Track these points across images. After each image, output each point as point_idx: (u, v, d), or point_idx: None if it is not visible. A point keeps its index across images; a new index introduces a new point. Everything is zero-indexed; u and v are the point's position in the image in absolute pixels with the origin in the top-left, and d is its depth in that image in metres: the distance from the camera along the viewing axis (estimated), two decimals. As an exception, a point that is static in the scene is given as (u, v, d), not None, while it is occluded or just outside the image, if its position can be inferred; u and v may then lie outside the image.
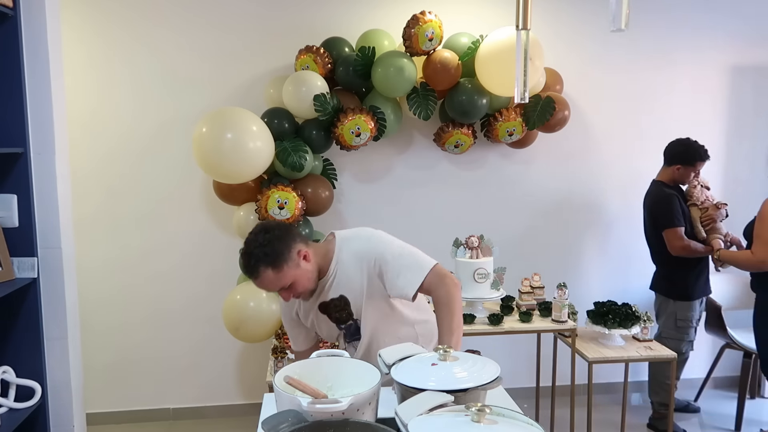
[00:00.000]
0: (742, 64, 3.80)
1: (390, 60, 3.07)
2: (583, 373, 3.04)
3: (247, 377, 3.66)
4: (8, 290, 2.15)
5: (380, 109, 3.18)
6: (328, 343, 2.17)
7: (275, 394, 1.32)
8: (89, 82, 3.34)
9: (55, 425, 2.41)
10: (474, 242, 2.86)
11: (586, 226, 3.81)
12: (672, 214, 3.15)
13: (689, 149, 3.20)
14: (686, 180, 3.25)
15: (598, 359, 2.89)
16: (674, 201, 3.18)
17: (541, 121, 3.32)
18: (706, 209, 3.21)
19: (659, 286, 3.36)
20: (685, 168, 3.21)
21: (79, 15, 3.29)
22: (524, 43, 1.69)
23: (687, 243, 3.13)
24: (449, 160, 3.63)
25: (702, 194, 3.25)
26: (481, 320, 2.81)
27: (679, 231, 3.13)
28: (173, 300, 3.53)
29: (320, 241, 1.99)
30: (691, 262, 3.20)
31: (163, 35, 3.36)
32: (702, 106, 3.80)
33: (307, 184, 3.20)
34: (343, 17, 3.44)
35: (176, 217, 3.48)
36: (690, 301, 3.24)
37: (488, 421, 1.04)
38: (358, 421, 1.19)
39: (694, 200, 3.24)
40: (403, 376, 1.33)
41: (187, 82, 3.40)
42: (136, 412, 3.58)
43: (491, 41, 3.09)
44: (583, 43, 3.65)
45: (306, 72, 3.09)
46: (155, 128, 3.41)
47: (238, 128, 2.87)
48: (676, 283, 3.26)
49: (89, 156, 3.36)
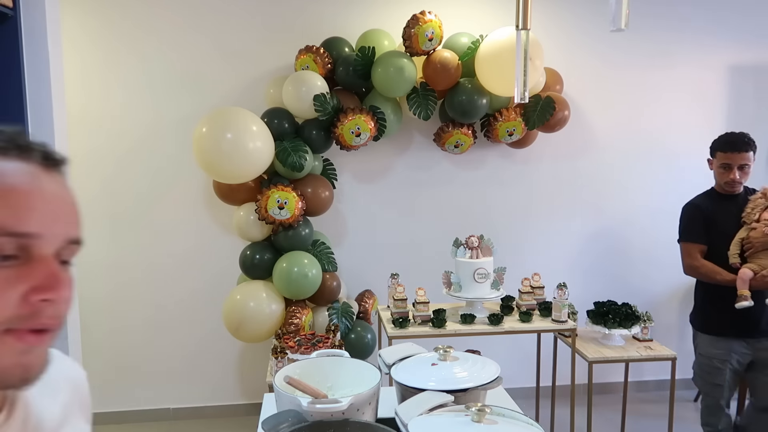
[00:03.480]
0: (742, 64, 3.80)
1: (390, 60, 3.07)
2: (583, 373, 3.04)
3: (247, 377, 3.66)
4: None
5: (380, 109, 3.18)
6: (329, 342, 2.17)
7: (275, 394, 1.32)
8: (89, 81, 3.34)
9: (55, 425, 2.41)
10: (474, 242, 2.86)
11: (586, 226, 3.81)
12: (683, 225, 2.72)
13: (715, 140, 2.66)
14: (723, 181, 2.60)
15: (598, 359, 2.89)
16: (691, 211, 2.70)
17: (541, 121, 3.32)
18: (754, 230, 2.54)
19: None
20: (712, 164, 2.67)
21: (79, 15, 3.29)
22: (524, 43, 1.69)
23: (697, 263, 2.64)
24: (449, 160, 3.63)
25: (759, 212, 2.56)
26: (481, 320, 2.81)
27: (687, 246, 2.68)
28: (173, 300, 3.53)
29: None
30: (719, 289, 2.59)
31: (163, 35, 3.36)
32: (702, 106, 3.80)
33: (307, 184, 3.20)
34: (343, 17, 3.44)
35: (176, 217, 3.48)
36: (712, 335, 2.66)
37: (488, 421, 1.04)
38: (358, 421, 1.19)
39: (745, 217, 2.59)
40: (403, 376, 1.33)
41: (187, 82, 3.40)
42: (136, 412, 3.58)
43: (491, 41, 3.09)
44: (583, 43, 3.65)
45: (306, 72, 3.09)
46: (155, 128, 3.41)
47: (238, 128, 2.87)
48: (699, 309, 2.76)
49: (89, 156, 3.36)
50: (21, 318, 0.56)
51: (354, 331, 3.24)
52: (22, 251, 0.56)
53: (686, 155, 3.71)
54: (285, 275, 3.06)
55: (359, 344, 3.22)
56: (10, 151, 0.58)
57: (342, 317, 3.16)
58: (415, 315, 2.76)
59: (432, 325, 2.71)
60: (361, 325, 3.30)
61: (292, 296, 3.13)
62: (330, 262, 3.29)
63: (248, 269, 3.20)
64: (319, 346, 2.43)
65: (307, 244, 3.21)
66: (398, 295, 2.77)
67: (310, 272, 3.08)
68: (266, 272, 3.17)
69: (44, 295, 0.56)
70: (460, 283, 2.79)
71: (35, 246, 0.57)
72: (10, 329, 0.55)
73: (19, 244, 0.55)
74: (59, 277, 0.58)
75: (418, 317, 2.75)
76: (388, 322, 2.74)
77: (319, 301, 3.26)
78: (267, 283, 3.18)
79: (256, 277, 3.21)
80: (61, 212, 0.60)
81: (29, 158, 0.59)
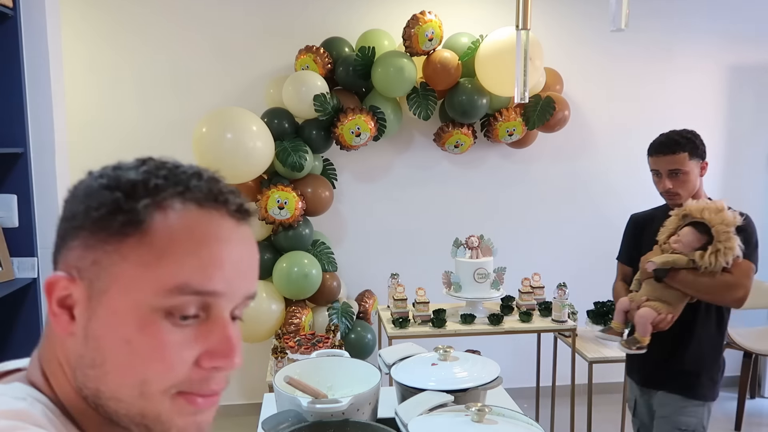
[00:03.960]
0: (742, 64, 3.80)
1: (390, 60, 3.07)
2: (583, 373, 3.04)
3: (247, 377, 3.65)
4: (8, 290, 2.15)
5: (380, 109, 3.18)
6: (329, 342, 2.17)
7: (275, 394, 1.32)
8: (89, 82, 3.34)
9: (55, 425, 2.41)
10: (474, 242, 2.86)
11: (586, 226, 3.81)
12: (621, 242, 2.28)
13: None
14: (659, 189, 2.05)
15: (598, 359, 2.89)
16: (627, 225, 2.31)
17: (541, 121, 3.32)
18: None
19: None
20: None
21: (79, 15, 3.29)
22: (524, 43, 1.69)
23: (616, 284, 2.20)
24: (449, 160, 3.63)
25: (665, 234, 1.94)
26: (481, 320, 2.81)
27: (618, 264, 2.25)
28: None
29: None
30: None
31: (162, 35, 3.36)
32: (702, 105, 3.80)
33: (307, 184, 3.20)
34: (343, 17, 3.44)
35: (176, 217, 3.48)
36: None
37: (488, 421, 1.04)
38: (358, 421, 1.19)
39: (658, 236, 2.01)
40: (403, 376, 1.33)
41: (187, 82, 3.40)
42: (136, 412, 3.58)
43: (491, 41, 3.09)
44: (583, 43, 3.65)
45: (306, 72, 3.09)
46: (155, 128, 3.41)
47: (238, 128, 2.87)
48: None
49: (89, 156, 3.36)
50: (192, 383, 0.53)
51: (354, 331, 3.24)
52: (203, 311, 0.53)
53: (686, 155, 3.71)
54: (285, 275, 3.06)
55: (359, 344, 3.22)
56: (207, 202, 0.53)
57: (342, 317, 3.16)
58: (415, 315, 2.76)
59: (432, 325, 2.71)
60: (361, 325, 3.30)
61: (292, 296, 3.13)
62: (330, 262, 3.29)
63: (248, 269, 3.19)
64: (319, 346, 2.42)
65: (307, 244, 3.21)
66: (398, 295, 2.77)
67: (310, 272, 3.08)
68: (266, 272, 3.17)
69: (217, 363, 0.54)
70: (460, 283, 2.79)
71: (216, 306, 0.54)
72: (181, 392, 0.53)
73: (203, 303, 0.53)
74: (234, 344, 0.55)
75: (418, 317, 2.75)
76: (388, 322, 2.74)
77: (319, 301, 3.26)
78: (267, 283, 3.18)
79: (256, 277, 3.20)
80: (247, 269, 0.57)
81: (223, 209, 0.54)
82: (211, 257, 0.52)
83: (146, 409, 0.53)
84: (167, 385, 0.52)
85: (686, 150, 2.00)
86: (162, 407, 0.53)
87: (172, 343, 0.52)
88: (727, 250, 1.80)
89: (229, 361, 0.54)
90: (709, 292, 1.88)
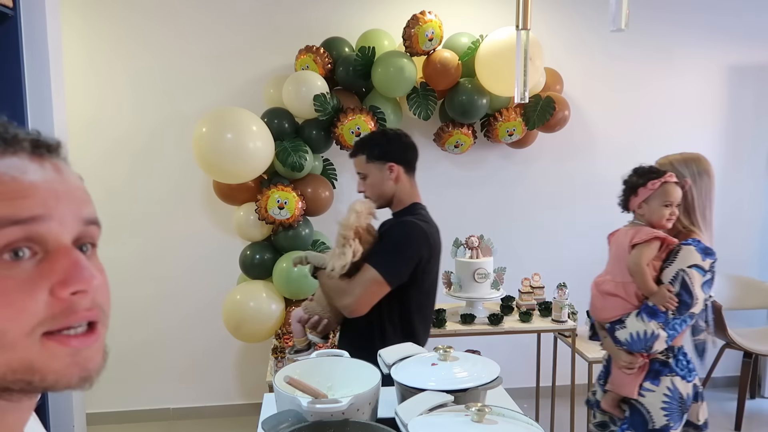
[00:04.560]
0: (742, 64, 3.80)
1: (390, 60, 3.07)
2: (583, 373, 3.04)
3: (247, 377, 3.66)
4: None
5: (380, 109, 3.18)
6: (328, 342, 2.16)
7: (275, 394, 1.32)
8: (89, 82, 3.34)
9: (56, 425, 2.41)
10: (474, 242, 2.86)
11: (586, 226, 3.81)
12: None
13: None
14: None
15: (598, 359, 2.89)
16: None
17: (541, 121, 3.32)
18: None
19: None
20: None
21: (79, 15, 3.29)
22: (524, 43, 1.69)
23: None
24: (449, 160, 3.63)
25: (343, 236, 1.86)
26: (481, 320, 2.81)
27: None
28: (173, 300, 3.53)
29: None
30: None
31: (163, 35, 3.36)
32: (702, 106, 3.80)
33: (307, 184, 3.20)
34: (343, 17, 3.44)
35: (176, 217, 3.48)
36: None
37: (488, 421, 1.04)
38: (358, 421, 1.19)
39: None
40: (403, 376, 1.33)
41: (187, 82, 3.40)
42: (136, 412, 3.58)
43: (491, 41, 3.09)
44: (583, 43, 3.65)
45: (306, 72, 3.09)
46: (155, 128, 3.41)
47: (238, 128, 2.87)
48: None
49: (89, 156, 3.36)
50: (55, 317, 0.51)
51: (354, 331, 3.23)
52: (38, 244, 0.52)
53: (686, 155, 3.71)
54: (285, 275, 3.06)
55: (359, 344, 3.22)
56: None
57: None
58: (415, 315, 2.76)
59: (432, 325, 2.71)
60: (361, 325, 3.29)
61: (292, 296, 3.13)
62: (330, 262, 3.29)
63: (248, 269, 3.20)
64: (319, 346, 2.42)
65: (307, 244, 3.21)
66: (398, 295, 2.77)
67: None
68: (266, 272, 3.17)
69: (72, 288, 0.51)
70: (460, 283, 2.79)
71: (48, 234, 0.52)
72: (50, 332, 0.51)
73: (29, 233, 0.51)
74: (82, 265, 0.53)
75: (418, 317, 2.75)
76: (388, 322, 2.73)
77: (319, 301, 3.25)
78: (267, 283, 3.18)
79: (256, 277, 3.21)
80: (63, 192, 0.55)
81: (18, 151, 0.53)
82: (15, 192, 0.51)
83: (13, 361, 0.49)
84: (27, 328, 0.49)
85: (363, 152, 1.96)
86: (32, 354, 0.50)
87: (14, 284, 0.49)
88: (340, 255, 1.76)
89: (84, 283, 0.52)
90: (329, 296, 1.85)
